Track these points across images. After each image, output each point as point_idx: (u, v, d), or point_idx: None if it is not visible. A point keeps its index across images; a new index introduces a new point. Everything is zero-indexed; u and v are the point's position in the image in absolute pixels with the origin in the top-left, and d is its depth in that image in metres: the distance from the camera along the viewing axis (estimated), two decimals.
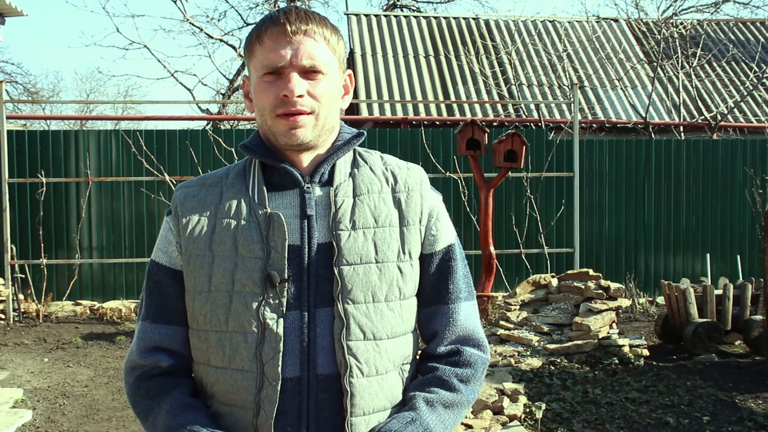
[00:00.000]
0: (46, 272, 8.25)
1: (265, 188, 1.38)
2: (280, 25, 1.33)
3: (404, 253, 1.38)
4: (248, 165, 1.43)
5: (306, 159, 1.40)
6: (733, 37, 14.78)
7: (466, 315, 1.45)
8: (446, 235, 1.45)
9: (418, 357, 1.48)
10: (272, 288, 1.32)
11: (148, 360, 1.39)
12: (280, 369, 1.30)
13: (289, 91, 1.31)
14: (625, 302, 6.33)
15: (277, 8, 1.64)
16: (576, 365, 5.85)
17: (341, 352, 1.31)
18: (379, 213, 1.38)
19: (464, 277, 1.47)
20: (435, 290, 1.44)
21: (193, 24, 19.63)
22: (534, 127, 10.71)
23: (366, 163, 1.44)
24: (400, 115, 11.77)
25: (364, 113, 12.09)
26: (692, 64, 12.52)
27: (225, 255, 1.34)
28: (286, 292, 1.32)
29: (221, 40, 20.37)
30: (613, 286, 6.25)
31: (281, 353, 1.30)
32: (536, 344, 6.05)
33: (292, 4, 19.51)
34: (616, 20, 14.95)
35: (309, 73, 1.33)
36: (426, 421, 1.33)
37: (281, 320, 1.31)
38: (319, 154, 1.41)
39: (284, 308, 1.32)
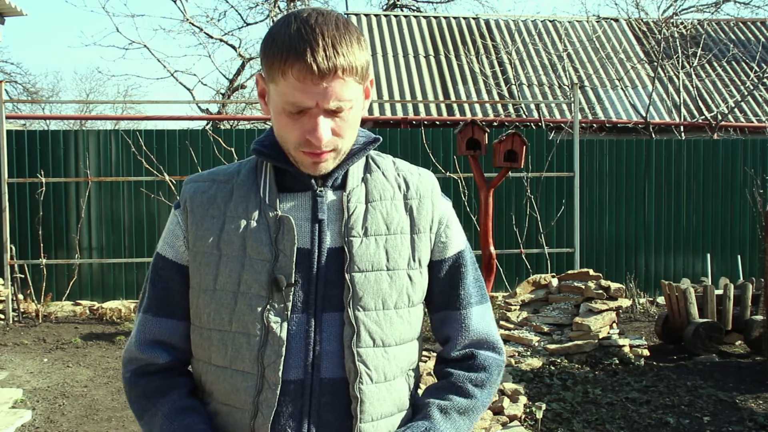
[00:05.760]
0: (45, 272, 8.25)
1: (276, 190, 1.37)
2: (307, 65, 1.22)
3: (414, 260, 1.38)
4: (260, 163, 1.41)
5: None
6: (733, 36, 14.77)
7: (479, 319, 1.45)
8: (456, 242, 1.44)
9: (434, 360, 1.48)
10: (278, 292, 1.31)
11: (146, 354, 1.38)
12: (280, 373, 1.29)
13: (316, 138, 1.27)
14: (625, 302, 6.33)
15: (293, 16, 1.30)
16: (576, 365, 5.84)
17: (351, 358, 1.31)
18: (391, 220, 1.38)
19: (475, 281, 1.47)
20: (445, 296, 1.44)
21: (193, 24, 19.65)
22: (534, 127, 10.70)
23: (379, 168, 1.43)
24: (400, 115, 11.76)
25: (365, 113, 12.07)
26: (693, 63, 12.51)
27: (233, 255, 1.34)
28: (291, 297, 1.31)
29: (221, 40, 20.39)
30: (614, 286, 6.25)
31: (283, 357, 1.30)
32: (536, 344, 6.04)
33: (292, 4, 19.49)
34: (616, 20, 14.95)
35: (335, 111, 1.29)
36: (440, 429, 1.34)
37: (285, 324, 1.31)
38: None
39: (288, 312, 1.31)
